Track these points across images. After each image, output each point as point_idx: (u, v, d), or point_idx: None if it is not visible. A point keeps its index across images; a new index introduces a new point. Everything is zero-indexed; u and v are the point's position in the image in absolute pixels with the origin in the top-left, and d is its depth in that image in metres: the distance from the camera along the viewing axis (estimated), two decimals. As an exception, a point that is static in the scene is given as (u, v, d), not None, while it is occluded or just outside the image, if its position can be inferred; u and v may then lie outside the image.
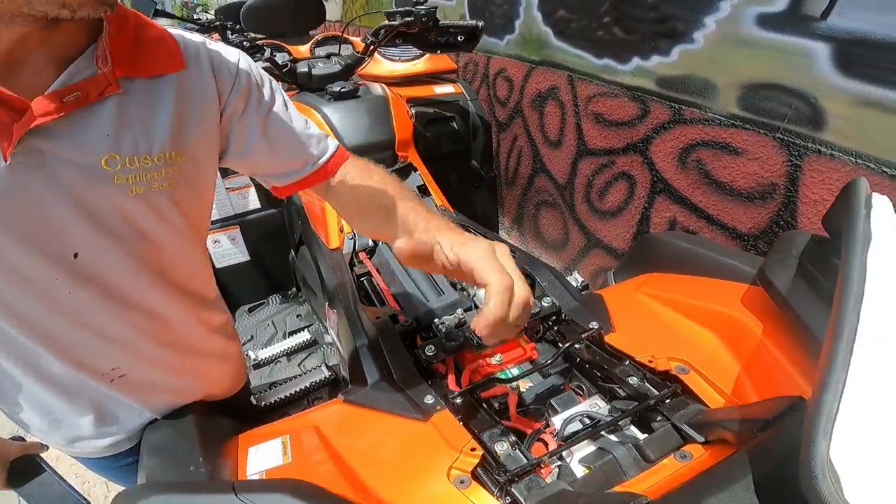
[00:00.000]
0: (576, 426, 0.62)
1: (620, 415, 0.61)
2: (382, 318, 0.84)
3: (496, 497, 0.53)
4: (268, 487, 0.45)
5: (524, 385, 0.73)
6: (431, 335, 0.82)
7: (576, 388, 0.72)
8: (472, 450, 0.57)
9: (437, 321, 0.82)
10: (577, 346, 0.74)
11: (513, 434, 0.60)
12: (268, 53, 1.39)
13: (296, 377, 1.11)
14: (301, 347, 1.42)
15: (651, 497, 0.45)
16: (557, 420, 0.64)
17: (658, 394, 0.61)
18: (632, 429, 0.61)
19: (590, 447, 0.59)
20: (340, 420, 0.69)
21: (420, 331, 0.85)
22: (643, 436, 0.59)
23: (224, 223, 1.68)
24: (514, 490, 0.53)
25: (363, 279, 1.06)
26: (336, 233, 1.15)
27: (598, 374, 0.70)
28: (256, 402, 0.97)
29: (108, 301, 0.58)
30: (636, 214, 1.73)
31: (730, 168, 1.38)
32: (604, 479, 0.53)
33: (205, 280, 0.72)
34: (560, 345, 0.76)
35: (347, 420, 0.69)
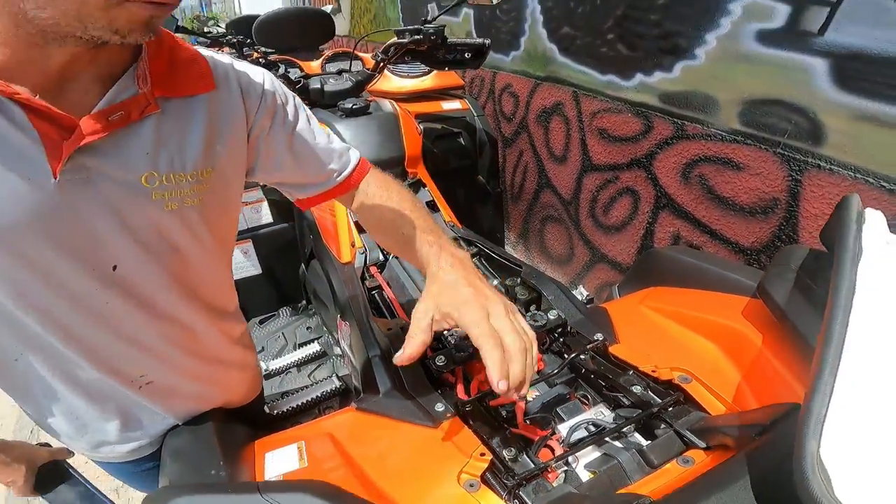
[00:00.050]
0: (581, 433, 0.64)
1: (624, 422, 0.63)
2: (394, 330, 0.86)
3: (504, 500, 0.55)
4: (290, 488, 0.47)
5: (531, 394, 0.75)
6: (441, 346, 0.84)
7: (581, 398, 0.73)
8: (482, 455, 0.59)
9: (447, 333, 0.84)
10: (583, 357, 0.76)
11: (520, 441, 0.63)
12: (282, 70, 1.44)
13: (307, 387, 1.13)
14: (311, 359, 1.44)
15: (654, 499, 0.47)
16: (563, 428, 0.66)
17: (661, 402, 0.63)
18: (636, 436, 0.63)
19: (595, 453, 0.61)
20: (354, 427, 0.71)
21: (429, 343, 0.87)
22: (647, 442, 0.61)
23: (237, 237, 1.70)
24: (522, 493, 0.55)
25: (374, 292, 1.09)
26: (348, 247, 1.18)
27: (603, 384, 0.72)
28: (269, 411, 1.00)
29: (141, 311, 0.61)
30: (640, 229, 1.74)
31: (732, 183, 1.39)
32: (609, 483, 0.55)
33: (228, 293, 0.75)
34: (566, 356, 0.78)
35: (360, 427, 0.71)
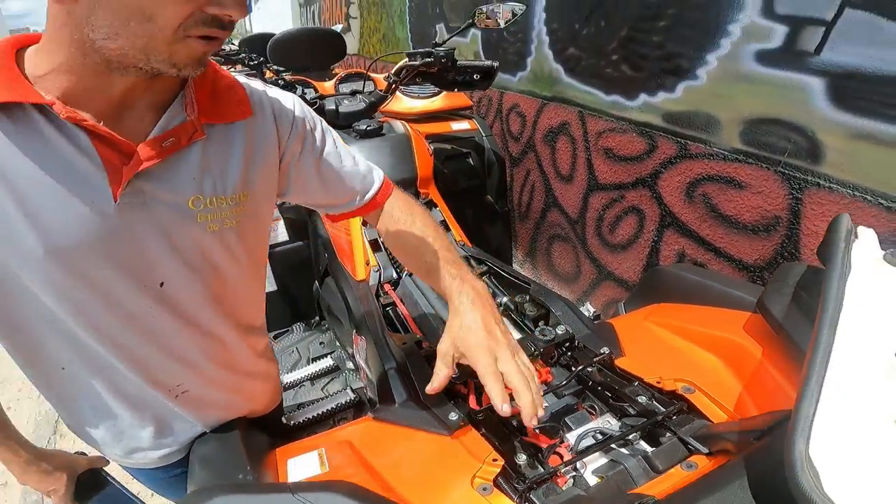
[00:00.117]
0: (589, 441, 0.67)
1: (630, 429, 0.66)
2: (408, 344, 0.90)
3: (516, 503, 0.58)
4: (320, 487, 0.50)
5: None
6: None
7: (588, 408, 0.76)
8: (494, 460, 0.62)
9: None
10: (590, 369, 0.79)
11: (531, 448, 0.66)
12: (299, 91, 1.49)
13: (322, 399, 1.16)
14: (324, 372, 1.47)
15: (658, 501, 0.50)
16: (572, 436, 0.69)
17: (665, 411, 0.66)
18: (641, 443, 0.66)
19: (602, 459, 0.64)
20: (371, 435, 0.75)
21: None
22: (652, 449, 0.64)
23: (254, 255, 1.75)
24: (533, 496, 0.58)
25: (388, 309, 1.13)
26: (363, 265, 1.22)
27: (609, 395, 0.75)
28: (286, 421, 1.03)
29: (182, 325, 0.65)
30: (646, 247, 1.77)
31: (735, 202, 1.43)
32: (616, 488, 0.58)
33: (258, 309, 0.79)
34: (573, 368, 0.81)
35: (377, 435, 0.75)
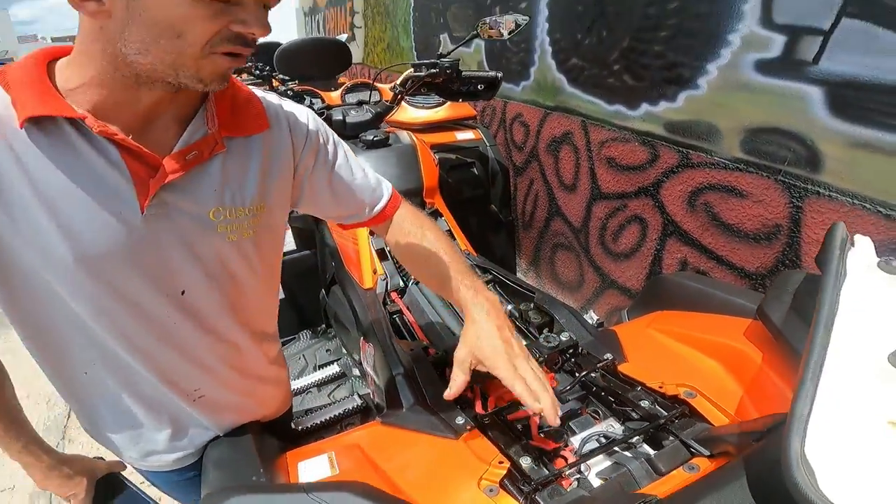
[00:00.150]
0: (592, 444, 0.69)
1: (633, 433, 0.67)
2: (416, 351, 0.92)
3: None
4: (334, 487, 0.52)
5: None
6: None
7: (592, 413, 0.78)
8: (500, 463, 0.64)
9: None
10: (593, 375, 0.81)
11: (536, 451, 0.67)
12: (307, 102, 1.52)
13: (329, 405, 1.18)
14: (331, 379, 1.49)
15: (660, 502, 0.51)
16: (576, 440, 0.70)
17: (667, 414, 0.68)
18: (644, 446, 0.67)
19: (606, 462, 0.65)
20: (379, 439, 0.76)
21: (448, 362, 0.92)
22: (654, 451, 0.65)
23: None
24: (538, 497, 0.59)
25: (395, 316, 1.15)
26: (370, 274, 1.24)
27: (613, 399, 0.76)
28: (295, 426, 1.05)
29: (202, 332, 0.67)
30: (649, 256, 1.79)
31: (736, 210, 1.44)
32: (619, 489, 0.60)
33: (271, 317, 0.81)
34: (577, 374, 0.83)
35: (386, 439, 0.76)
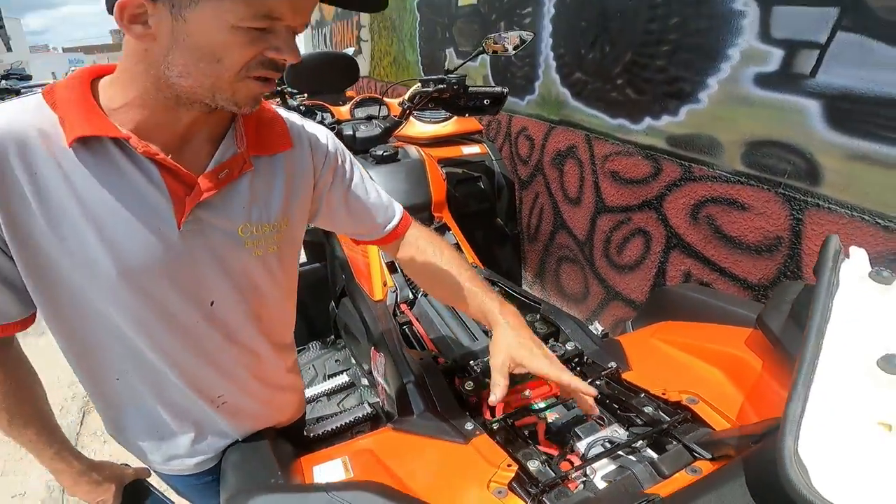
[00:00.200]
0: (598, 449, 0.71)
1: (637, 437, 0.70)
2: (425, 360, 0.95)
3: None
4: (354, 487, 0.55)
5: (551, 416, 0.82)
6: (467, 374, 0.92)
7: (597, 419, 0.80)
8: (508, 466, 0.66)
9: (473, 362, 0.92)
10: (598, 383, 0.83)
11: (543, 455, 0.70)
12: (318, 118, 1.56)
13: (340, 413, 1.21)
14: (340, 388, 1.51)
15: None
16: (582, 445, 0.72)
17: (670, 420, 0.70)
18: (648, 450, 0.70)
19: (611, 465, 0.67)
20: (391, 444, 0.79)
21: (457, 371, 0.95)
22: (658, 455, 0.67)
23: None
24: (546, 499, 0.61)
25: (404, 327, 1.18)
26: (380, 286, 1.28)
27: (617, 406, 0.79)
28: (307, 434, 1.07)
29: (227, 341, 0.70)
30: (652, 268, 1.81)
31: (738, 223, 1.47)
32: (624, 491, 0.62)
33: (289, 327, 0.84)
34: None
35: (397, 444, 0.79)
